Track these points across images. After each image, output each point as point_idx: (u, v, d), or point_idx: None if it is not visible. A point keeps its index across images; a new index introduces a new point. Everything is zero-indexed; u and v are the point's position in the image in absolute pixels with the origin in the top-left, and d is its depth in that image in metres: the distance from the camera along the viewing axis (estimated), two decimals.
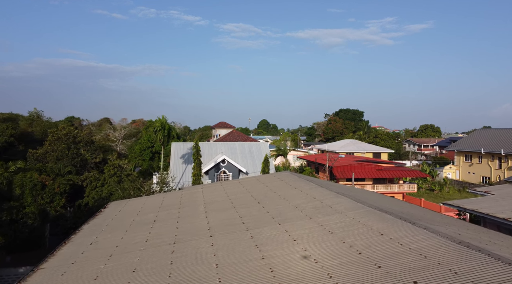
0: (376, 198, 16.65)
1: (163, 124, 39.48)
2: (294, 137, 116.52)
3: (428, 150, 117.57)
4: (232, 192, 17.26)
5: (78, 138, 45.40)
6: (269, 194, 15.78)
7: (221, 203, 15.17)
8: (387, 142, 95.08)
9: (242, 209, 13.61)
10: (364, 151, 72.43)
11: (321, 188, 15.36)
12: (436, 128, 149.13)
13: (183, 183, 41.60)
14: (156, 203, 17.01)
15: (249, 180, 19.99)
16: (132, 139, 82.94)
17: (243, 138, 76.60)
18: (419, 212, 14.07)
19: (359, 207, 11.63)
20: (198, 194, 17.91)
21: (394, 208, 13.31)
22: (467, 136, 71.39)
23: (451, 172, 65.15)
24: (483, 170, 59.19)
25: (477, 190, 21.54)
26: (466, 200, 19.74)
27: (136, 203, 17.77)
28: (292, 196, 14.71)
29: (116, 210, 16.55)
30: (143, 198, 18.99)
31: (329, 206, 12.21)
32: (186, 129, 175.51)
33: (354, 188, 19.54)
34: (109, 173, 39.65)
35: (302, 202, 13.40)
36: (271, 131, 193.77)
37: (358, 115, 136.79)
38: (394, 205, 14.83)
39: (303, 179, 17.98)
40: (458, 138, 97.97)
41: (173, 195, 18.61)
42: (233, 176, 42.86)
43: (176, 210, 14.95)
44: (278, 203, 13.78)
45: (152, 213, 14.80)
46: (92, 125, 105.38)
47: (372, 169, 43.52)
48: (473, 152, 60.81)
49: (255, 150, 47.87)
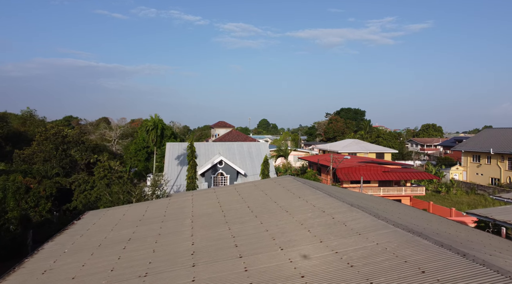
0: (394, 209, 14.31)
1: (155, 123, 37.03)
2: (295, 137, 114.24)
3: (431, 150, 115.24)
4: (225, 202, 14.89)
5: (68, 138, 42.99)
6: (268, 205, 13.41)
7: (211, 216, 12.80)
8: (389, 142, 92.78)
9: (236, 225, 11.23)
10: (367, 151, 70.13)
11: (329, 198, 13.01)
12: (438, 127, 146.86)
13: (178, 185, 39.24)
14: (137, 214, 14.65)
15: (246, 186, 17.61)
16: (128, 139, 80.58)
17: (242, 138, 74.23)
18: (449, 227, 11.70)
19: (381, 226, 9.29)
20: (187, 203, 15.53)
21: (421, 223, 10.97)
22: (475, 135, 68.95)
23: (458, 173, 62.76)
24: (492, 171, 56.81)
25: (503, 196, 19.11)
26: (493, 209, 17.32)
27: (115, 214, 15.40)
28: (296, 208, 12.36)
29: (90, 223, 14.17)
30: (125, 207, 16.61)
31: (343, 224, 9.88)
32: (185, 128, 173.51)
33: (366, 196, 17.21)
34: (99, 176, 37.29)
35: (308, 216, 11.06)
36: (271, 131, 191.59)
37: (360, 114, 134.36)
38: (419, 218, 12.47)
39: (308, 186, 15.62)
40: (463, 138, 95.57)
41: (159, 204, 16.23)
42: (230, 178, 40.48)
43: (158, 224, 12.57)
44: (280, 218, 11.41)
45: (130, 228, 12.43)
46: (90, 125, 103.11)
47: (378, 171, 41.14)
48: (481, 152, 58.39)
49: (254, 151, 45.48)
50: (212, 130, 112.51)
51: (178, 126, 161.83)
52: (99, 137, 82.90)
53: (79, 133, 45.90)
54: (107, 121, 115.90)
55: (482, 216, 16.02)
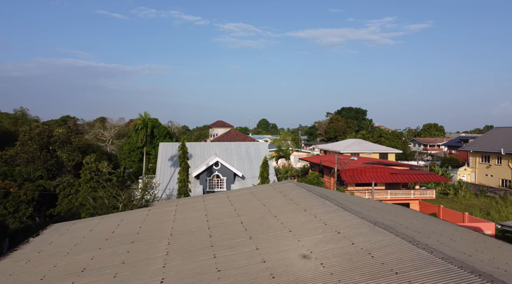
0: (424, 224, 11.64)
1: (145, 122, 34.32)
2: (295, 137, 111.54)
3: (435, 150, 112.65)
4: (214, 214, 12.22)
5: (54, 138, 40.23)
6: (267, 220, 10.73)
7: (194, 235, 10.11)
8: (392, 142, 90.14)
9: (224, 251, 8.56)
10: (370, 152, 67.49)
11: (343, 212, 10.35)
12: (440, 127, 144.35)
13: (170, 189, 36.54)
14: (107, 230, 11.97)
15: (240, 193, 14.92)
16: (123, 139, 77.88)
17: (241, 138, 71.53)
18: (500, 253, 9.06)
19: (424, 260, 6.62)
20: (169, 215, 12.86)
21: (470, 248, 8.34)
22: (483, 135, 66.25)
23: (466, 174, 60.04)
24: (503, 172, 54.10)
25: None
26: None
27: (81, 228, 12.72)
28: (302, 225, 9.70)
29: (47, 241, 11.48)
30: (95, 220, 13.93)
31: (368, 253, 7.25)
32: (184, 128, 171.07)
33: (383, 206, 14.52)
34: (85, 178, 34.57)
35: (319, 240, 8.41)
36: (271, 131, 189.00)
37: (361, 113, 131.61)
38: (460, 237, 9.81)
39: (314, 195, 12.95)
40: (469, 137, 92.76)
41: (135, 216, 13.54)
42: (227, 181, 37.75)
43: (126, 246, 9.89)
44: (281, 241, 8.75)
45: (90, 252, 9.74)
46: (87, 125, 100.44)
47: (385, 173, 38.45)
48: (491, 152, 55.66)
49: (253, 151, 42.75)
50: (211, 130, 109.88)
51: (176, 126, 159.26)
52: (94, 137, 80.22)
53: (66, 132, 43.13)
54: (104, 121, 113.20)
55: None
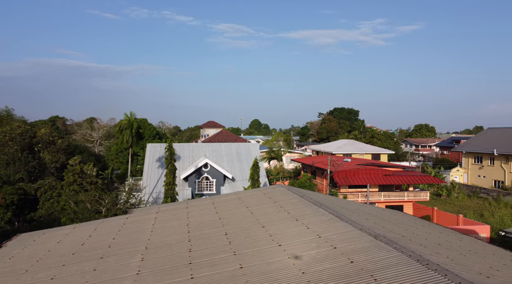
0: (428, 234, 10.63)
1: (130, 122, 32.96)
2: (287, 137, 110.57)
3: (426, 151, 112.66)
4: (197, 224, 11.06)
5: (36, 139, 38.65)
6: (254, 232, 9.60)
7: (172, 249, 8.95)
8: (384, 142, 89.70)
9: (204, 269, 7.41)
10: (363, 152, 66.84)
11: (340, 222, 9.30)
12: (431, 127, 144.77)
13: (157, 192, 35.25)
14: (76, 242, 10.74)
15: (227, 199, 13.78)
16: (112, 140, 76.16)
17: (232, 139, 70.39)
18: None
19: (436, 282, 5.59)
20: (147, 224, 11.67)
21: (484, 267, 7.33)
22: (476, 136, 65.91)
23: (458, 175, 59.62)
24: (496, 173, 53.73)
25: None
26: None
27: (49, 240, 11.46)
28: (293, 238, 8.61)
29: (7, 255, 10.22)
30: (66, 229, 12.67)
31: (370, 275, 6.15)
32: (176, 129, 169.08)
33: (381, 212, 13.48)
34: (68, 181, 33.09)
35: (312, 256, 7.32)
36: (263, 131, 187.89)
37: (353, 114, 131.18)
38: (466, 249, 8.82)
39: (307, 201, 11.88)
40: (461, 138, 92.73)
41: (110, 225, 12.32)
42: (217, 183, 36.56)
43: (94, 262, 8.68)
44: (270, 259, 7.64)
45: (51, 270, 8.51)
46: (76, 125, 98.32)
47: (378, 175, 37.59)
48: (484, 153, 55.26)
49: (243, 152, 41.62)
50: (202, 131, 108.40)
51: (168, 126, 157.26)
52: (81, 137, 78.37)
53: (50, 133, 41.53)
54: (93, 121, 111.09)
55: None
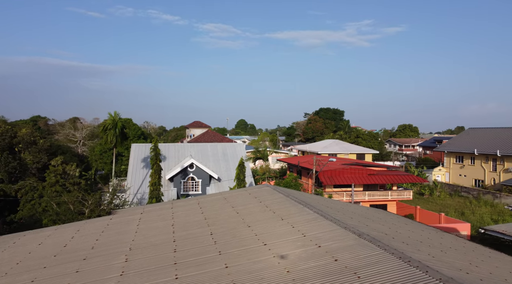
0: (410, 232, 10.81)
1: (114, 122, 32.54)
2: (273, 137, 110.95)
3: (410, 150, 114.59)
4: (182, 224, 11.00)
5: (17, 139, 37.70)
6: (239, 231, 9.61)
7: (157, 250, 8.88)
8: (369, 142, 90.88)
9: (189, 269, 7.37)
10: (347, 152, 67.56)
11: (324, 221, 9.38)
12: (414, 128, 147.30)
13: (142, 193, 34.88)
14: (58, 243, 10.54)
15: (213, 199, 13.74)
16: (95, 140, 74.96)
17: (218, 139, 70.22)
18: None
19: (418, 279, 5.69)
20: (131, 225, 11.54)
21: (465, 264, 7.49)
22: (458, 136, 67.36)
23: (440, 175, 60.81)
24: (476, 172, 55.02)
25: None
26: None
27: (30, 241, 11.21)
28: (279, 237, 8.65)
29: None
30: (48, 231, 12.42)
31: (354, 273, 6.21)
32: (161, 129, 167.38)
33: (365, 211, 13.64)
34: (50, 182, 32.42)
35: (297, 255, 7.36)
36: (249, 131, 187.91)
37: (339, 114, 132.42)
38: (447, 246, 8.99)
39: (292, 201, 11.95)
40: (443, 138, 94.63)
41: (94, 226, 12.13)
42: (202, 183, 36.40)
43: (76, 264, 8.54)
44: (255, 258, 7.66)
45: (32, 272, 8.33)
46: (59, 125, 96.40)
47: (363, 174, 38.04)
48: (465, 153, 56.51)
49: (229, 152, 41.56)
50: (187, 131, 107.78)
51: (153, 126, 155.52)
52: (64, 137, 76.91)
53: (31, 133, 40.61)
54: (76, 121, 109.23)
55: (508, 235, 12.74)
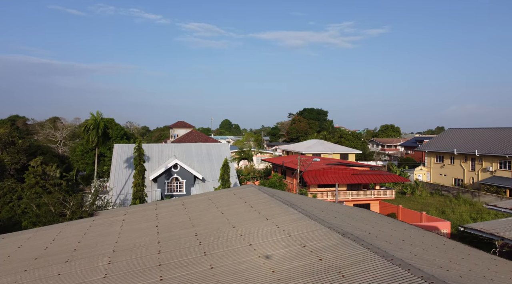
0: (393, 230, 11.00)
1: (97, 122, 32.02)
2: (257, 137, 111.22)
3: (392, 150, 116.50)
4: (167, 225, 10.91)
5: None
6: (224, 232, 9.60)
7: (141, 251, 8.79)
8: (352, 142, 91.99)
9: (174, 271, 7.33)
10: (331, 152, 68.26)
11: (309, 220, 9.47)
12: (396, 128, 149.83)
13: (125, 194, 34.40)
14: (39, 246, 10.31)
15: (197, 200, 13.68)
16: (76, 140, 73.51)
17: (203, 139, 69.90)
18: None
19: (400, 277, 5.77)
20: (115, 227, 11.39)
21: (444, 261, 7.67)
22: (438, 136, 68.88)
23: (421, 174, 62.08)
24: (456, 171, 56.39)
25: (498, 206, 16.48)
26: (496, 223, 14.54)
27: (9, 244, 10.93)
28: (264, 237, 8.69)
29: None
30: (28, 233, 12.14)
31: (338, 272, 6.27)
32: (144, 129, 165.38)
33: (348, 210, 13.82)
34: (30, 183, 31.66)
35: (282, 255, 7.41)
36: (233, 131, 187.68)
37: (322, 114, 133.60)
38: (428, 244, 9.20)
39: (277, 201, 12.02)
40: (424, 138, 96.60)
41: (76, 228, 11.92)
42: (187, 184, 36.17)
43: (58, 267, 8.38)
44: (240, 258, 7.68)
45: (11, 276, 8.13)
46: (38, 125, 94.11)
47: (346, 174, 38.50)
48: (445, 153, 57.85)
49: (214, 153, 41.41)
50: (171, 131, 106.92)
51: (136, 126, 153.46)
52: (44, 137, 75.15)
53: (9, 133, 39.59)
54: (56, 121, 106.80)
55: (487, 233, 13.12)
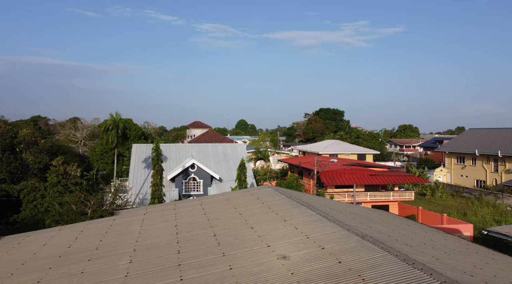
0: (414, 234, 10.85)
1: (115, 122, 32.60)
2: (273, 138, 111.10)
3: (410, 151, 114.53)
4: (185, 225, 11.05)
5: (18, 139, 37.77)
6: (242, 233, 9.66)
7: (160, 251, 8.93)
8: (369, 142, 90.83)
9: (193, 271, 7.42)
10: (348, 153, 67.63)
11: (327, 222, 9.41)
12: (415, 128, 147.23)
13: (144, 193, 34.95)
14: (62, 244, 10.61)
15: (215, 200, 13.80)
16: (96, 140, 75.09)
17: (219, 139, 70.30)
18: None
19: (422, 281, 5.68)
20: (135, 226, 11.60)
21: (469, 267, 7.54)
22: (458, 136, 67.35)
23: (442, 175, 60.80)
24: (477, 173, 54.98)
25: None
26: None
27: (34, 242, 11.27)
28: (281, 239, 8.69)
29: None
30: (52, 232, 12.48)
31: (358, 275, 6.24)
32: (161, 129, 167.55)
33: (370, 212, 13.67)
34: (52, 182, 32.51)
35: (301, 257, 7.40)
36: (249, 131, 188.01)
37: (339, 114, 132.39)
38: (451, 248, 9.03)
39: (294, 202, 12.00)
40: (443, 138, 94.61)
41: (98, 226, 12.19)
42: (204, 184, 36.46)
43: (81, 265, 8.60)
44: (259, 260, 7.71)
45: (37, 273, 8.39)
46: (59, 125, 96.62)
47: (364, 175, 38.06)
48: (466, 153, 56.49)
49: (230, 153, 41.60)
50: (188, 131, 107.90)
51: (153, 126, 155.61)
52: (65, 137, 77.05)
53: (32, 133, 40.67)
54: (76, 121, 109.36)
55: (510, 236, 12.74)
